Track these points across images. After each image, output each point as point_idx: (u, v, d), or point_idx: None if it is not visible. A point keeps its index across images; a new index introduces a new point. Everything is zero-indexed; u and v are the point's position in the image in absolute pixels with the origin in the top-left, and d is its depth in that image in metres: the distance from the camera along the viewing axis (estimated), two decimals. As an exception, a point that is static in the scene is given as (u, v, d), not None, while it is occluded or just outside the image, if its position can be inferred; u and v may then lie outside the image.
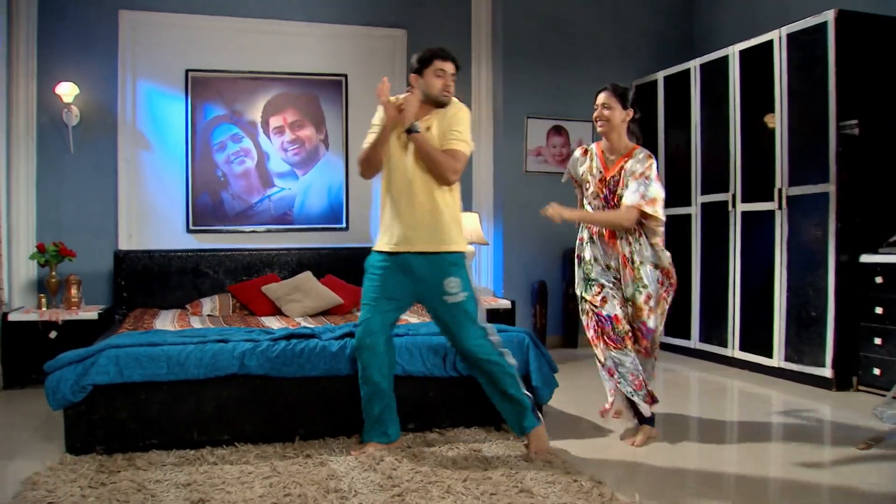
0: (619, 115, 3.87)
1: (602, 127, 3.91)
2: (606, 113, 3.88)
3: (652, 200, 3.77)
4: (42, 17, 5.84)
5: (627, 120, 3.90)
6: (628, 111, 3.88)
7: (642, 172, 3.81)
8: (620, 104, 3.86)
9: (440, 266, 3.65)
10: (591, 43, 6.83)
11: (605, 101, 3.88)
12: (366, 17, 6.56)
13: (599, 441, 3.94)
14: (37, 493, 3.10)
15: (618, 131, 3.90)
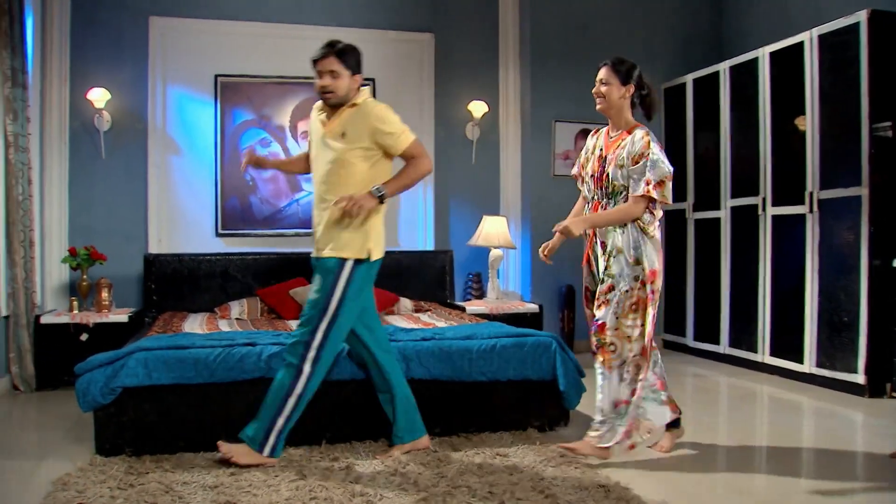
0: (616, 92, 3.70)
1: (600, 104, 3.76)
2: (604, 89, 3.73)
3: (660, 184, 3.53)
4: (75, 24, 5.92)
5: (627, 96, 3.72)
6: (628, 87, 3.70)
7: (641, 154, 3.57)
8: (619, 80, 3.70)
9: None
10: (619, 46, 6.75)
11: (603, 76, 3.73)
12: (393, 22, 6.57)
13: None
14: (67, 493, 3.14)
15: (617, 108, 3.74)
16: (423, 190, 6.62)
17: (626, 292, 3.59)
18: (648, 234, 3.60)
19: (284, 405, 3.48)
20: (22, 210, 5.13)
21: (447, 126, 6.71)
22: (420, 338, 4.14)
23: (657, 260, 3.61)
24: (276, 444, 3.51)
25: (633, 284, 3.59)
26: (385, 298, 5.82)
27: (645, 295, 3.59)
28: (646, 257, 3.58)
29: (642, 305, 3.59)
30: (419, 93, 6.64)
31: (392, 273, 6.24)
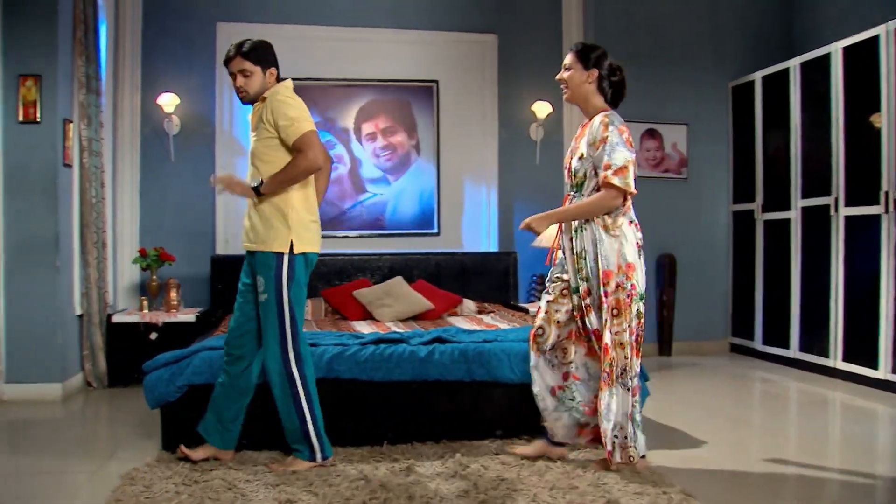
0: (578, 77, 3.50)
1: (563, 91, 3.59)
2: (566, 75, 3.54)
3: (620, 170, 3.32)
4: (146, 32, 6.08)
5: (591, 81, 3.51)
6: (591, 71, 3.50)
7: (602, 139, 3.38)
8: (581, 64, 3.50)
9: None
10: (685, 44, 6.67)
11: (567, 62, 3.55)
12: (456, 23, 6.58)
13: (692, 452, 3.82)
14: (134, 487, 3.21)
15: (581, 95, 3.54)
16: (487, 191, 6.61)
17: (605, 296, 3.41)
18: (609, 231, 3.41)
19: (303, 412, 3.49)
20: (95, 212, 5.28)
21: (511, 127, 6.69)
22: (482, 340, 4.12)
23: (615, 260, 3.39)
24: (321, 444, 3.51)
25: (605, 288, 3.41)
26: (448, 300, 5.82)
27: (621, 297, 3.39)
28: (602, 257, 3.40)
29: (623, 308, 3.39)
30: (482, 94, 6.62)
31: (455, 274, 6.27)
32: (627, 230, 3.43)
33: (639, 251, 3.46)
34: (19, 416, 4.58)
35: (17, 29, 4.86)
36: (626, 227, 3.43)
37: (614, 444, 3.42)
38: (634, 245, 3.44)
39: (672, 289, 6.51)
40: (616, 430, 3.42)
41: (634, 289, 3.40)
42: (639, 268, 3.43)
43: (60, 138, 4.93)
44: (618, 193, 3.36)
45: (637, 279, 3.41)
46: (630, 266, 3.40)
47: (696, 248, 6.71)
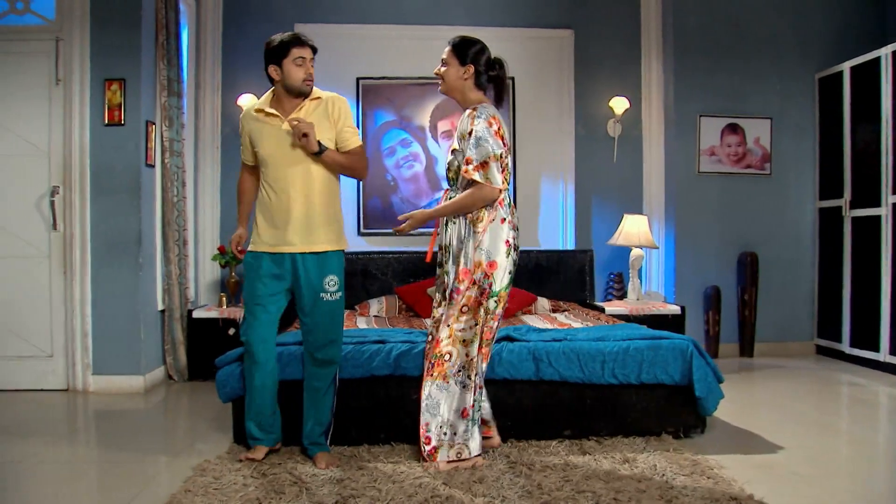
0: (454, 72, 3.46)
1: (440, 86, 3.55)
2: (442, 70, 3.51)
3: (482, 165, 3.32)
4: (226, 35, 6.25)
5: (468, 76, 3.46)
6: (467, 67, 3.45)
7: (470, 132, 3.37)
8: (458, 60, 3.46)
9: None
10: (768, 35, 6.44)
11: (444, 56, 3.50)
12: (531, 19, 6.52)
13: (766, 458, 3.68)
14: (205, 479, 3.30)
15: (458, 89, 3.50)
16: (564, 189, 6.54)
17: (456, 293, 3.41)
18: (476, 227, 3.39)
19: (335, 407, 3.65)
20: (176, 211, 5.44)
21: (588, 124, 6.60)
22: (551, 338, 4.07)
23: (475, 257, 3.38)
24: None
25: (458, 285, 3.41)
26: (522, 298, 5.79)
27: (474, 295, 3.39)
28: (463, 254, 3.40)
29: (474, 306, 3.39)
30: (559, 90, 6.55)
31: (530, 273, 6.22)
32: (498, 227, 3.40)
33: (508, 250, 3.43)
34: (103, 406, 4.76)
35: (104, 36, 5.06)
36: (496, 224, 3.40)
37: (441, 442, 3.44)
38: (503, 243, 3.41)
39: (754, 288, 6.31)
40: (445, 428, 3.44)
41: (492, 287, 3.38)
42: (502, 267, 3.40)
43: (143, 140, 5.10)
44: (489, 187, 3.34)
45: (496, 278, 3.39)
46: (492, 265, 3.38)
47: (780, 245, 6.47)
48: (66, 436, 4.17)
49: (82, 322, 5.08)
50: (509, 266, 3.45)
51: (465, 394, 3.44)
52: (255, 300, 3.52)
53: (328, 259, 3.53)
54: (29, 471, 3.51)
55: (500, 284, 3.42)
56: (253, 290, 3.53)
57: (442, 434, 3.44)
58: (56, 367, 5.12)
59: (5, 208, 5.12)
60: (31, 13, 5.13)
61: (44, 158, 5.10)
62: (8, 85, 5.11)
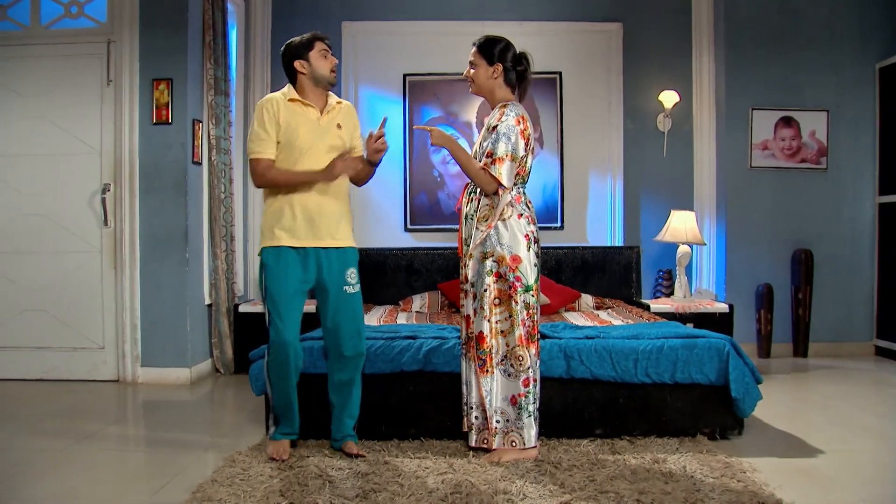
0: (483, 73, 3.57)
1: (470, 87, 3.67)
2: (472, 72, 3.61)
3: (498, 159, 3.43)
4: (275, 33, 6.34)
5: (497, 76, 3.57)
6: (496, 66, 3.55)
7: (494, 126, 3.48)
8: (485, 60, 3.55)
9: None
10: (824, 25, 6.22)
11: (471, 58, 3.61)
12: (578, 13, 6.45)
13: (804, 462, 3.56)
14: (233, 469, 3.38)
15: (487, 89, 3.61)
16: (612, 184, 6.46)
17: (486, 286, 3.48)
18: (480, 225, 3.50)
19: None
20: (224, 207, 5.55)
21: (637, 118, 6.50)
22: (584, 336, 4.02)
23: (499, 251, 3.46)
24: None
25: (489, 279, 3.48)
26: (565, 295, 5.74)
27: (505, 287, 3.47)
28: (474, 249, 3.50)
29: (505, 298, 3.47)
30: (607, 84, 6.47)
31: (575, 269, 6.17)
32: (516, 223, 3.47)
33: (529, 244, 3.48)
34: (150, 397, 4.90)
35: (152, 37, 5.19)
36: (513, 220, 3.47)
37: (496, 430, 3.51)
38: (523, 237, 3.46)
39: (809, 286, 6.12)
40: (498, 416, 3.50)
41: (519, 280, 3.45)
42: (527, 261, 3.47)
43: (190, 138, 5.22)
44: (492, 181, 3.45)
45: (523, 272, 3.46)
46: (515, 258, 3.45)
47: (837, 242, 6.25)
48: (111, 425, 4.29)
49: (131, 315, 5.23)
50: (533, 258, 3.50)
51: (510, 381, 3.49)
52: (284, 298, 3.51)
53: (348, 254, 3.61)
54: (73, 456, 3.65)
55: (530, 278, 3.48)
56: (281, 288, 3.51)
57: (496, 423, 3.51)
58: (107, 358, 5.29)
59: (61, 205, 5.31)
60: (85, 16, 5.30)
61: (96, 157, 5.27)
62: (63, 86, 5.29)
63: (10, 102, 5.33)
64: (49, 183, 5.31)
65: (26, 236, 5.34)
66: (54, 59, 5.30)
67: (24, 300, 5.34)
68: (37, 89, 5.31)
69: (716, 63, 6.37)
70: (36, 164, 5.32)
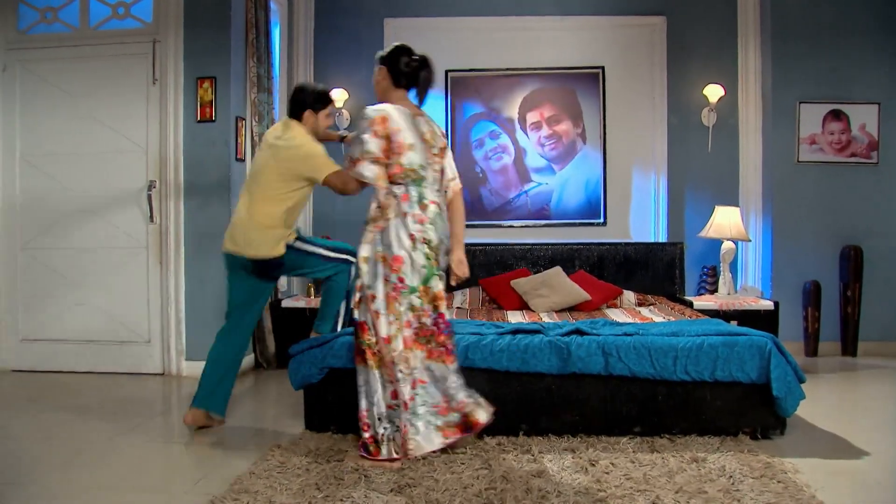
0: (376, 76, 3.67)
1: None
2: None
3: (353, 161, 3.50)
4: (318, 31, 6.43)
5: (382, 79, 3.64)
6: (380, 69, 3.64)
7: (356, 133, 3.56)
8: (377, 65, 3.66)
9: None
10: (875, 15, 6.04)
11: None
12: (621, 6, 6.40)
13: (848, 463, 3.48)
14: (271, 462, 3.43)
15: (380, 91, 3.67)
16: (657, 180, 6.40)
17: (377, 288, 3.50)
18: (368, 226, 3.55)
19: None
20: (266, 203, 5.61)
21: (681, 112, 6.42)
22: (622, 332, 3.99)
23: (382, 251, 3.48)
24: None
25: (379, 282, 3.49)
26: (607, 291, 5.71)
27: (389, 288, 3.47)
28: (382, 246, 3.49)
29: (390, 301, 3.47)
30: (651, 79, 6.40)
31: (619, 265, 6.14)
32: (400, 223, 3.47)
33: (414, 244, 3.46)
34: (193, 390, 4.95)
35: (196, 36, 5.27)
36: (397, 221, 3.47)
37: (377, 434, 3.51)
38: (407, 237, 3.45)
39: (858, 283, 5.98)
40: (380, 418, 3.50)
41: (402, 282, 3.44)
42: (408, 262, 3.45)
43: (233, 135, 5.29)
44: (351, 181, 3.65)
45: (405, 273, 3.45)
46: (396, 259, 3.44)
47: (888, 238, 6.07)
48: (155, 417, 4.39)
49: (176, 310, 5.33)
50: (421, 260, 3.48)
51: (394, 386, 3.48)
52: None
53: None
54: (118, 447, 3.76)
55: (412, 279, 3.47)
56: None
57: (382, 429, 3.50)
58: (153, 352, 5.40)
59: (109, 202, 5.43)
60: (131, 17, 5.41)
61: (142, 154, 5.37)
62: (111, 85, 5.40)
63: (60, 102, 5.46)
64: (97, 180, 5.43)
65: (76, 233, 5.47)
66: (102, 59, 5.41)
67: (74, 294, 5.47)
68: (85, 89, 5.43)
69: (762, 56, 6.26)
70: (84, 162, 5.44)
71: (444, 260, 3.65)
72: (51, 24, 5.49)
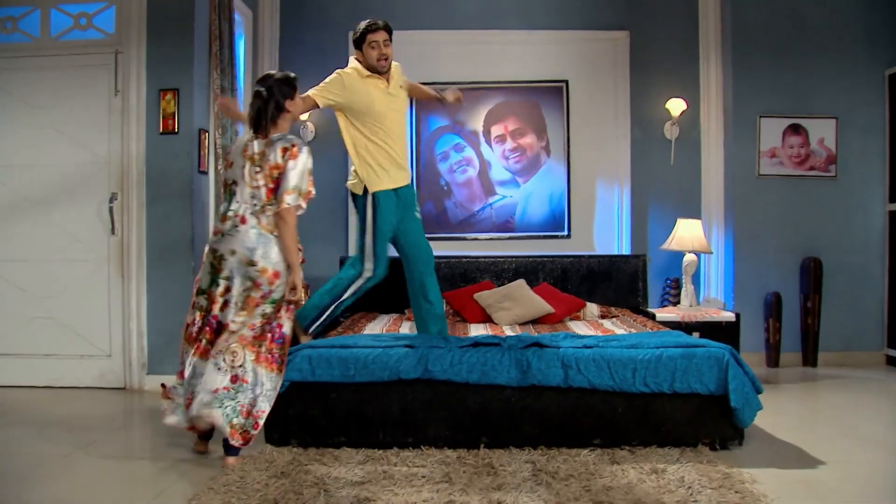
0: None
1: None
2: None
3: None
4: (283, 42, 6.44)
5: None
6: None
7: None
8: None
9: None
10: (833, 31, 6.17)
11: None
12: (586, 21, 6.46)
13: (805, 473, 3.52)
14: (230, 477, 3.40)
15: None
16: (620, 192, 6.45)
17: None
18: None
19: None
20: (230, 216, 5.58)
21: (644, 126, 6.49)
22: (582, 345, 4.01)
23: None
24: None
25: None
26: (570, 304, 5.73)
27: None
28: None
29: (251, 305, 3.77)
30: (614, 93, 6.46)
31: (582, 278, 6.16)
32: None
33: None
34: (155, 405, 4.90)
35: (159, 47, 5.25)
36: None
37: None
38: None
39: (818, 295, 6.07)
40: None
41: (269, 295, 3.76)
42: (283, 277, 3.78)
43: (196, 147, 5.27)
44: None
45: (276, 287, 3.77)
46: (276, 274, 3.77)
47: (846, 251, 6.19)
48: (115, 432, 4.34)
49: (138, 323, 5.28)
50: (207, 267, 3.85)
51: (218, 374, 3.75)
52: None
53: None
54: (74, 463, 3.70)
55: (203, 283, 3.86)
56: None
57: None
58: (114, 366, 5.34)
59: (70, 214, 5.37)
60: (93, 28, 5.37)
61: (104, 166, 5.33)
62: (72, 97, 5.35)
63: (20, 113, 5.40)
64: (58, 192, 5.37)
65: (35, 245, 5.40)
66: (63, 70, 5.36)
67: (33, 308, 5.39)
68: (46, 100, 5.37)
69: (723, 70, 6.35)
70: (45, 173, 5.38)
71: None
72: (10, 33, 5.44)
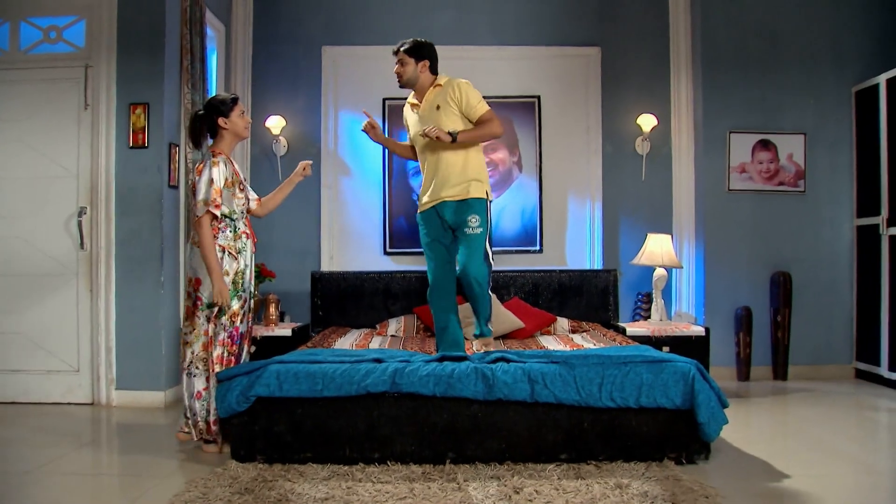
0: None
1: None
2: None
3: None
4: (256, 57, 6.42)
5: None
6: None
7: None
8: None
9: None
10: (802, 48, 6.26)
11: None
12: (558, 37, 6.51)
13: (769, 486, 3.53)
14: (192, 493, 3.36)
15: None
16: (591, 207, 6.48)
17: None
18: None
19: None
20: (201, 230, 5.56)
21: (616, 141, 6.53)
22: (548, 360, 4.01)
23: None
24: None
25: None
26: (541, 319, 5.74)
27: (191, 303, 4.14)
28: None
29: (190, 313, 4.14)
30: (586, 108, 6.52)
31: (553, 293, 6.18)
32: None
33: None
34: (122, 420, 4.90)
35: (129, 62, 5.24)
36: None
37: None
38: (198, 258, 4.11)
39: (788, 309, 6.12)
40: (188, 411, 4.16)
41: (200, 301, 4.09)
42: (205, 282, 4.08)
43: (166, 161, 5.25)
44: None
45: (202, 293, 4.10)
46: (198, 281, 4.11)
47: (815, 265, 6.25)
48: (80, 448, 4.28)
49: (107, 338, 5.24)
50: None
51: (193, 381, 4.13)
52: None
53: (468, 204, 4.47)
54: (39, 479, 3.65)
55: (206, 298, 4.10)
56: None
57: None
58: (82, 381, 5.29)
59: (38, 228, 5.33)
60: (63, 41, 5.35)
61: (73, 180, 5.30)
62: (42, 110, 5.33)
63: (-11, 126, 5.37)
64: (26, 206, 5.34)
65: (3, 259, 5.35)
66: (33, 83, 5.34)
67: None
68: (15, 113, 5.34)
69: (693, 86, 6.41)
70: (13, 187, 5.35)
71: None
72: (-21, 47, 5.42)
